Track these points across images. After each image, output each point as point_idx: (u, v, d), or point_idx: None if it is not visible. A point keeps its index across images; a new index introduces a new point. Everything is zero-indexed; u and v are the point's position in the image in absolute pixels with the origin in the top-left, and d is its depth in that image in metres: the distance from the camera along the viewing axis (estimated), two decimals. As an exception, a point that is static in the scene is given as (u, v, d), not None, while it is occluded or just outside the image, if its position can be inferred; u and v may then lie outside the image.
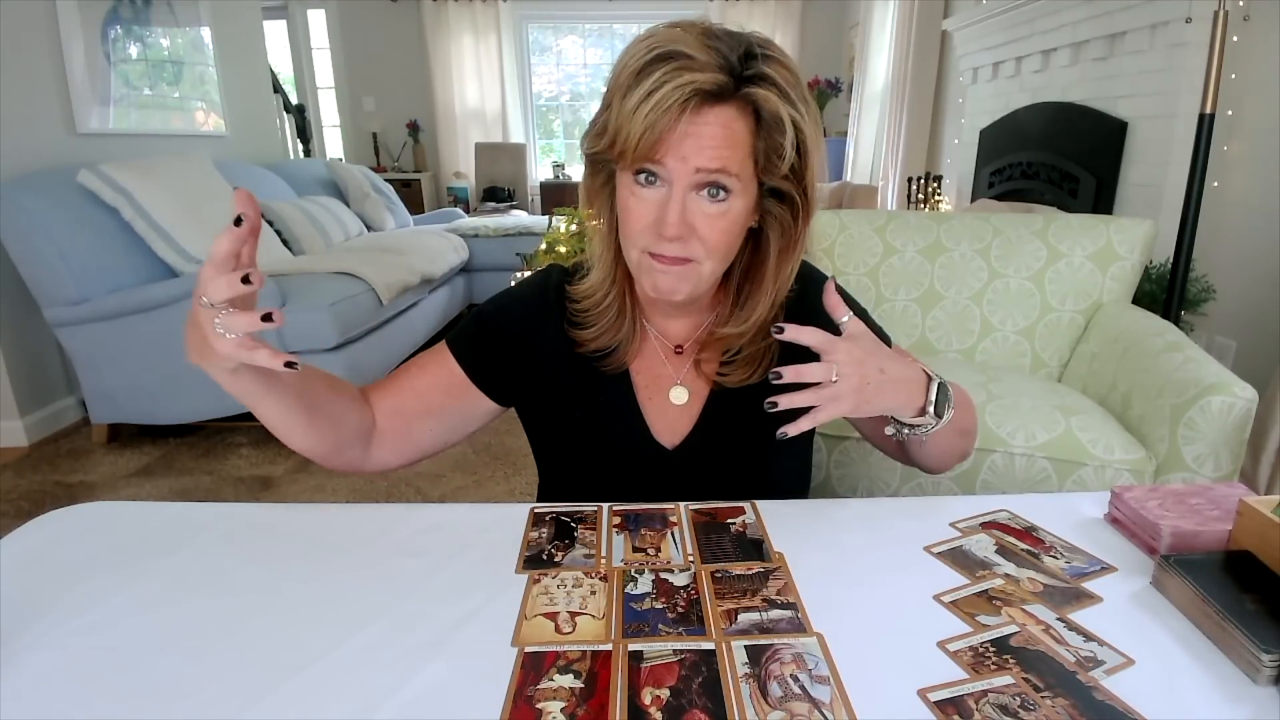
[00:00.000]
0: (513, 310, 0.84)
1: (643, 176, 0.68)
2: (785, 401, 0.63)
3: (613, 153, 0.68)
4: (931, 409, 0.69)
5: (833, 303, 0.67)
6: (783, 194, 0.72)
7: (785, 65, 0.67)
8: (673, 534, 0.70)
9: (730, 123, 0.66)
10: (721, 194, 0.67)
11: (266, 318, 0.54)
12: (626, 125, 0.64)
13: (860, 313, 0.85)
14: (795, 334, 0.64)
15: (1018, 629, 0.56)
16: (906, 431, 0.73)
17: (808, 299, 0.81)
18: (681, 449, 0.82)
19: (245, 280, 0.53)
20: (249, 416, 2.77)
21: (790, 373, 0.62)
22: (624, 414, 0.82)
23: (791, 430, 0.63)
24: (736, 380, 0.80)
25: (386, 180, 4.93)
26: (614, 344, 0.80)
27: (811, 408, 0.63)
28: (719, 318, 0.81)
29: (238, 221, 0.53)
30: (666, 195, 0.67)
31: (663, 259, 0.69)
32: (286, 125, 5.49)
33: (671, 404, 0.82)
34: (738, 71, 0.65)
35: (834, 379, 0.63)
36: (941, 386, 0.70)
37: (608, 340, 0.80)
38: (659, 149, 0.65)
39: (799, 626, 0.57)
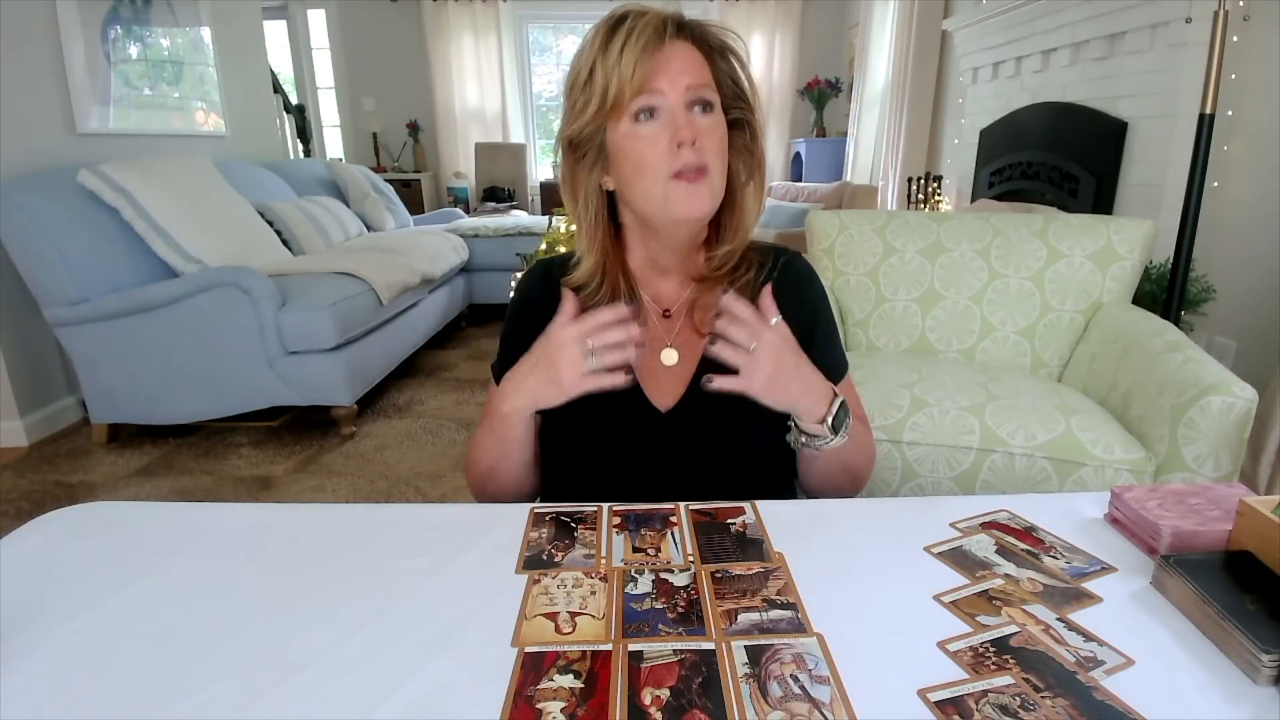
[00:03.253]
0: (520, 315, 0.90)
1: (642, 115, 0.75)
2: (718, 382, 0.72)
3: (604, 109, 0.75)
4: (830, 419, 0.76)
5: (766, 304, 0.74)
6: (737, 122, 0.81)
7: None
8: (673, 534, 0.70)
9: (687, 48, 0.77)
10: (710, 108, 0.77)
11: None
12: (616, 71, 0.73)
13: (828, 331, 0.92)
14: (731, 305, 0.71)
15: (1018, 629, 0.56)
16: (804, 440, 0.80)
17: (789, 273, 0.89)
18: (675, 411, 0.85)
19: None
20: (249, 417, 2.76)
21: (720, 329, 0.72)
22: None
23: (716, 384, 0.72)
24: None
25: (386, 180, 4.93)
26: None
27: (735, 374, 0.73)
28: (706, 264, 0.87)
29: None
30: (669, 118, 0.75)
31: (686, 176, 0.75)
32: (286, 125, 5.49)
33: (663, 366, 0.86)
34: (679, 21, 0.77)
35: (751, 349, 0.71)
36: (843, 405, 0.78)
37: None
38: (653, 77, 0.74)
39: (799, 626, 0.57)
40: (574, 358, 0.71)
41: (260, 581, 0.64)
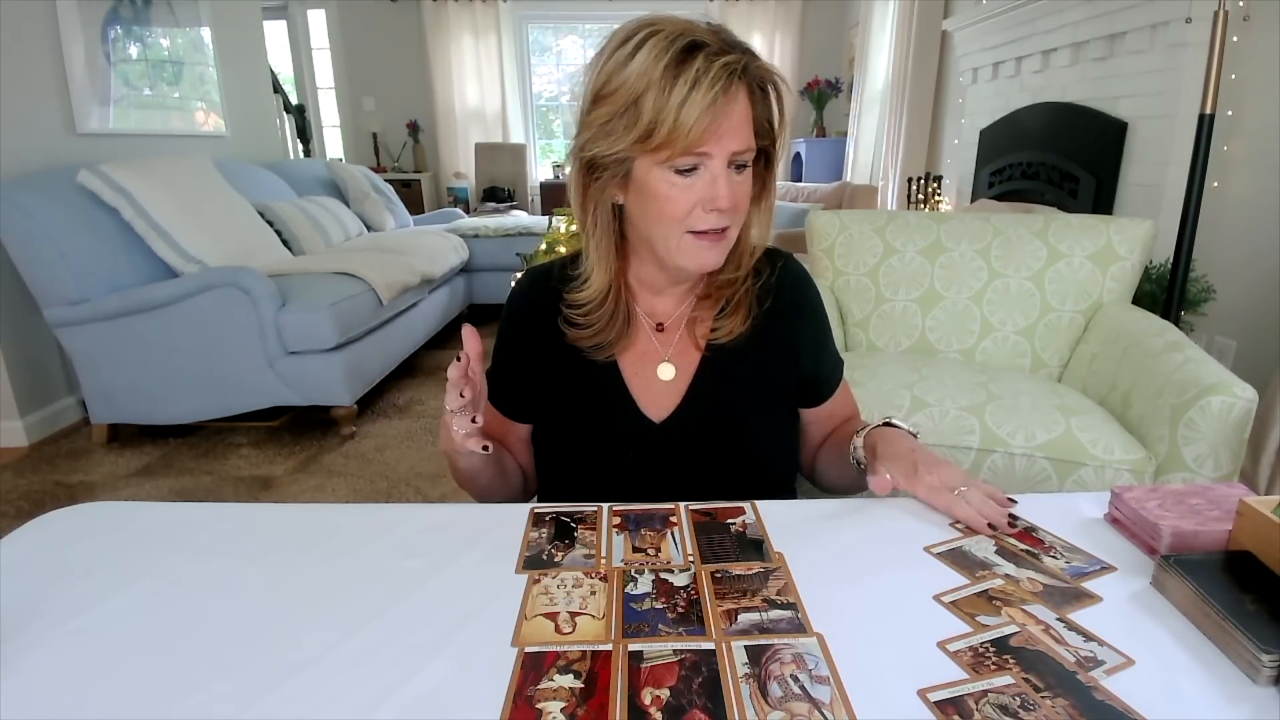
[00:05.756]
0: (510, 328, 0.90)
1: (686, 162, 0.72)
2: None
3: (646, 146, 0.71)
4: None
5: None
6: (758, 151, 0.78)
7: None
8: (673, 534, 0.70)
9: (742, 99, 0.72)
10: (746, 167, 0.76)
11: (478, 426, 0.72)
12: (676, 117, 0.68)
13: (827, 335, 0.93)
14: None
15: (1018, 629, 0.56)
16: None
17: (787, 278, 0.90)
18: (669, 423, 0.84)
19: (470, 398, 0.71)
20: (249, 417, 2.76)
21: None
22: (612, 393, 0.85)
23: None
24: (728, 331, 0.84)
25: (386, 180, 4.93)
26: (607, 340, 0.84)
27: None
28: (705, 284, 0.86)
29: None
30: (708, 176, 0.73)
31: (706, 235, 0.76)
32: (286, 125, 5.49)
33: (659, 379, 0.85)
34: (739, 47, 0.72)
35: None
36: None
37: (602, 339, 0.84)
38: (709, 136, 0.70)
39: (799, 626, 0.57)
40: (457, 422, 0.73)
41: (260, 581, 0.64)
